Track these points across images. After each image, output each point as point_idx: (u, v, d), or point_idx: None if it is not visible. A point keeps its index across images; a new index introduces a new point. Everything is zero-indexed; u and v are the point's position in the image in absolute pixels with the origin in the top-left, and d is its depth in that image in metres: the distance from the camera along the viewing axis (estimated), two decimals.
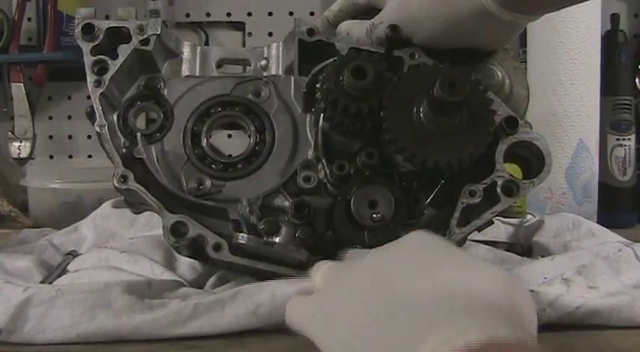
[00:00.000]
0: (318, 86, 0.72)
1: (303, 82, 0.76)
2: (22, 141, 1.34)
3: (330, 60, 0.73)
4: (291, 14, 1.50)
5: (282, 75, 0.78)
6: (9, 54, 1.37)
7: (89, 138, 1.54)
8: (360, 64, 0.69)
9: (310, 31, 0.75)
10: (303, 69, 0.76)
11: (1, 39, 1.37)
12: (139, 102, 0.77)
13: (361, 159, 0.71)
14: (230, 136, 1.33)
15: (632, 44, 1.37)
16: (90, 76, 0.74)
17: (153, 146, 0.75)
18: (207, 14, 1.53)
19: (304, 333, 0.51)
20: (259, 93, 0.77)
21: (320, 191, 0.74)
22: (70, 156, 1.57)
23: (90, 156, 1.54)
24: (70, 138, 1.57)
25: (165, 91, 0.77)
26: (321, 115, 0.73)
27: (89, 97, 0.73)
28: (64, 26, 1.41)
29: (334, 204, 0.71)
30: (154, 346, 0.62)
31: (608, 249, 0.77)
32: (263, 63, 0.79)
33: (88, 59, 0.74)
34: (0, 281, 0.66)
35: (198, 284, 0.77)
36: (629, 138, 1.21)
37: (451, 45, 0.73)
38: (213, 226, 0.71)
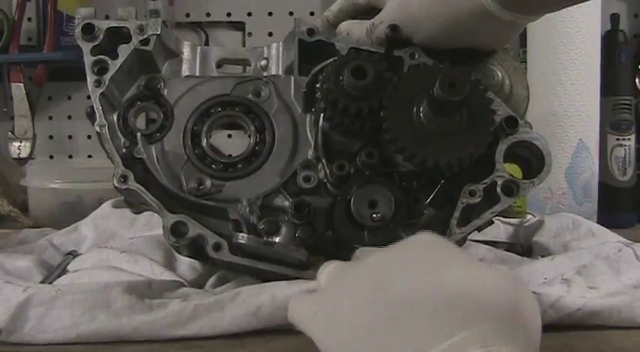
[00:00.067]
0: (318, 86, 0.72)
1: (303, 82, 0.76)
2: (22, 141, 1.34)
3: (330, 60, 0.73)
4: (291, 14, 1.50)
5: (282, 75, 0.78)
6: (9, 54, 1.37)
7: (89, 138, 1.54)
8: (360, 63, 0.69)
9: (310, 31, 0.75)
10: (303, 69, 0.76)
11: (1, 39, 1.37)
12: (139, 102, 0.77)
13: (361, 158, 0.71)
14: (230, 136, 1.33)
15: (632, 44, 1.37)
16: (90, 76, 0.74)
17: (153, 146, 0.75)
18: (207, 14, 1.53)
19: (305, 331, 0.51)
20: (259, 93, 0.77)
21: (320, 191, 0.74)
22: (70, 156, 1.57)
23: (90, 156, 1.54)
24: (70, 138, 1.57)
25: (166, 91, 0.77)
26: (321, 115, 0.73)
27: (89, 97, 0.73)
28: (64, 26, 1.40)
29: (334, 203, 0.71)
30: (153, 346, 0.62)
31: (608, 249, 0.77)
32: (263, 63, 0.79)
33: (88, 59, 0.74)
34: (0, 281, 0.66)
35: (198, 284, 0.77)
36: (629, 138, 1.21)
37: (451, 45, 0.73)
38: (213, 226, 0.71)
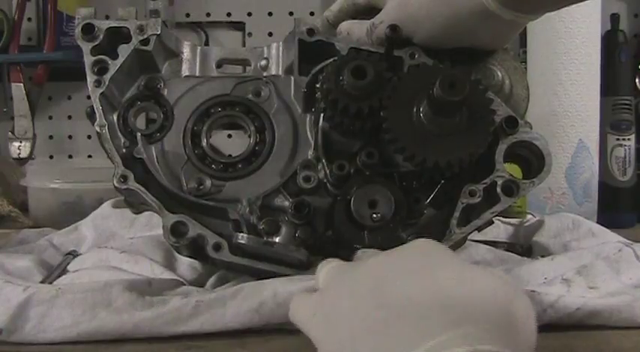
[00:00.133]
0: (318, 86, 0.72)
1: (303, 82, 0.76)
2: (22, 141, 1.34)
3: (330, 60, 0.73)
4: (291, 14, 1.50)
5: (282, 75, 0.78)
6: (9, 54, 1.37)
7: (89, 138, 1.54)
8: (360, 63, 0.69)
9: (310, 31, 0.75)
10: (303, 69, 0.76)
11: (1, 39, 1.37)
12: (139, 102, 0.77)
13: (361, 158, 0.71)
14: (230, 136, 1.33)
15: (632, 44, 1.37)
16: (90, 76, 0.74)
17: (153, 146, 0.75)
18: (207, 14, 1.53)
19: (304, 331, 0.51)
20: (259, 93, 0.77)
21: (320, 191, 0.74)
22: (70, 156, 1.57)
23: (90, 156, 1.54)
24: (70, 138, 1.57)
25: (165, 91, 0.77)
26: (321, 115, 0.73)
27: (89, 97, 0.74)
28: (64, 26, 1.40)
29: (334, 203, 0.71)
30: (154, 345, 0.62)
31: (608, 249, 0.77)
32: (263, 63, 0.79)
33: (88, 59, 0.74)
34: (0, 281, 0.65)
35: (198, 284, 0.77)
36: (629, 138, 1.21)
37: (451, 44, 0.73)
38: (213, 226, 0.71)
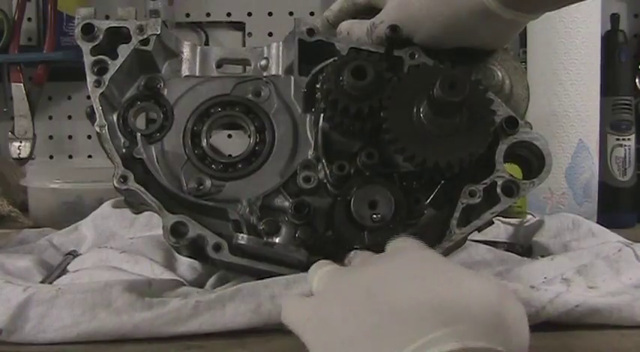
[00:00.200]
0: (318, 86, 0.72)
1: (303, 82, 0.75)
2: (22, 141, 1.34)
3: (330, 60, 0.73)
4: (291, 14, 1.50)
5: (282, 75, 0.78)
6: (9, 54, 1.37)
7: (89, 138, 1.54)
8: (360, 64, 0.69)
9: (310, 31, 0.75)
10: (303, 69, 0.76)
11: (1, 39, 1.37)
12: (138, 102, 0.77)
13: (361, 159, 0.71)
14: (230, 136, 1.33)
15: (632, 44, 1.37)
16: (90, 76, 0.74)
17: (153, 146, 0.75)
18: (207, 14, 1.53)
19: (298, 335, 0.51)
20: (259, 93, 0.77)
21: (320, 191, 0.74)
22: (70, 156, 1.57)
23: (90, 156, 1.54)
24: (70, 138, 1.57)
25: (165, 91, 0.77)
26: (321, 115, 0.73)
27: (89, 97, 0.73)
28: (64, 26, 1.40)
29: (334, 204, 0.71)
30: (154, 345, 0.62)
31: (608, 249, 0.77)
32: (263, 63, 0.79)
33: (87, 59, 0.74)
34: (0, 281, 0.66)
35: (198, 284, 0.77)
36: (629, 138, 1.21)
37: (451, 44, 0.73)
38: (213, 226, 0.71)
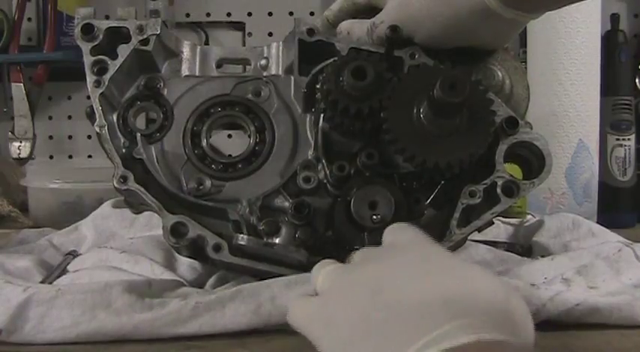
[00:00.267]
0: (318, 86, 0.72)
1: (303, 82, 0.75)
2: (22, 141, 1.34)
3: (330, 60, 0.73)
4: (291, 14, 1.50)
5: (282, 75, 0.78)
6: (9, 54, 1.37)
7: (89, 138, 1.54)
8: (360, 64, 0.69)
9: (310, 31, 0.75)
10: (303, 69, 0.76)
11: (1, 39, 1.37)
12: (138, 102, 0.77)
13: (361, 159, 0.71)
14: (230, 136, 1.33)
15: (632, 44, 1.37)
16: (89, 76, 0.73)
17: (153, 146, 0.75)
18: (207, 14, 1.53)
19: (306, 335, 0.51)
20: (259, 93, 0.77)
21: (320, 191, 0.73)
22: (70, 156, 1.57)
23: (90, 156, 1.54)
24: (70, 138, 1.57)
25: (165, 91, 0.77)
26: (321, 115, 0.73)
27: (89, 97, 0.73)
28: (64, 26, 1.41)
29: (334, 204, 0.71)
30: (154, 346, 0.62)
31: (608, 249, 0.77)
32: (263, 62, 0.79)
33: (87, 59, 0.74)
34: (0, 281, 0.66)
35: (198, 284, 0.77)
36: (629, 138, 1.21)
37: (452, 44, 0.73)
38: (213, 226, 0.71)
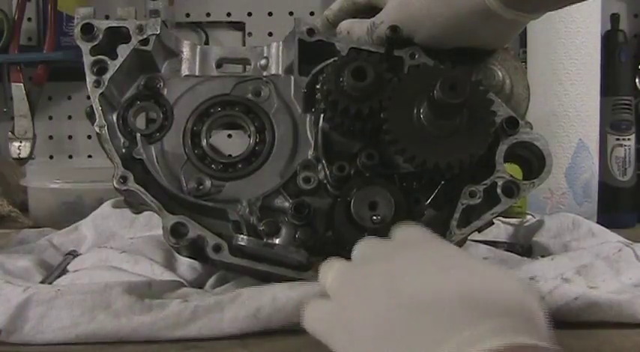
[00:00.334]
0: (318, 87, 0.72)
1: (303, 82, 0.75)
2: (22, 141, 1.34)
3: (330, 60, 0.73)
4: (291, 14, 1.50)
5: (282, 75, 0.78)
6: (9, 54, 1.37)
7: (89, 138, 1.54)
8: (360, 64, 0.69)
9: (310, 31, 0.75)
10: (303, 69, 0.76)
11: (1, 39, 1.37)
12: (138, 102, 0.77)
13: (361, 160, 0.71)
14: (230, 136, 1.33)
15: (632, 44, 1.37)
16: (89, 76, 0.73)
17: (152, 146, 0.75)
18: (207, 14, 1.53)
19: (324, 342, 0.50)
20: (259, 93, 0.77)
21: (320, 192, 0.73)
22: (70, 156, 1.57)
23: (90, 156, 1.54)
24: (70, 138, 1.57)
25: (165, 91, 0.77)
26: (321, 116, 0.73)
27: (89, 97, 0.73)
28: (64, 26, 1.40)
29: (334, 205, 0.71)
30: (153, 346, 0.62)
31: (608, 249, 0.77)
32: (263, 62, 0.79)
33: (87, 59, 0.74)
34: (0, 281, 0.65)
35: (198, 284, 0.77)
36: (629, 138, 1.21)
37: (452, 44, 0.73)
38: (213, 227, 0.71)
